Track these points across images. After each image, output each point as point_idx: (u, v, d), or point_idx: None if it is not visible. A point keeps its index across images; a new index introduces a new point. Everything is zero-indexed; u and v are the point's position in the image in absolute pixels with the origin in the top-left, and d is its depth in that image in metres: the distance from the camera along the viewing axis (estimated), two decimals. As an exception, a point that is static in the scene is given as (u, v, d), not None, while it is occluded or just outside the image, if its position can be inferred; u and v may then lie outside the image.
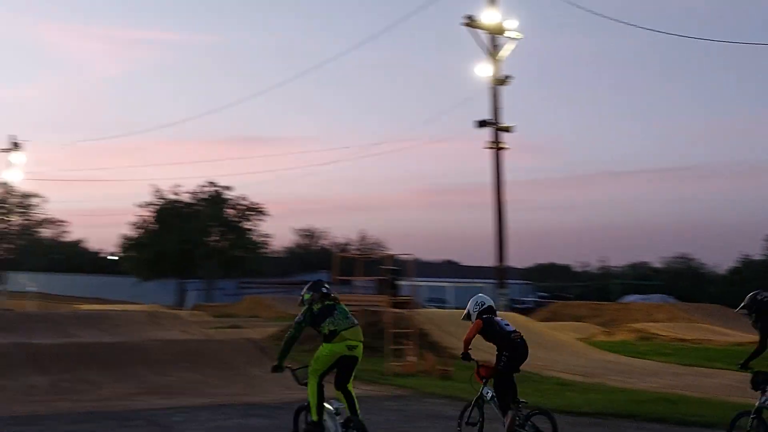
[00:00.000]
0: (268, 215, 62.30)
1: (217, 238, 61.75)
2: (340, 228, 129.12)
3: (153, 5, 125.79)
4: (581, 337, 29.66)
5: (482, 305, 10.12)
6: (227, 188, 61.16)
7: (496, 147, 27.74)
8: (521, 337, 9.86)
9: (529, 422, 9.29)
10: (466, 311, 10.17)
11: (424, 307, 36.93)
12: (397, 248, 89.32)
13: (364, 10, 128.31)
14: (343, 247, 79.13)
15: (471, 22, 27.02)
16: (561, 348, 24.31)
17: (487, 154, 28.00)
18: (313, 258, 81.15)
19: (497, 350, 9.78)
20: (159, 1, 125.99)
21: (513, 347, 9.70)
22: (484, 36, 27.53)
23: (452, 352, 21.27)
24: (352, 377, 8.94)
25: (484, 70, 27.81)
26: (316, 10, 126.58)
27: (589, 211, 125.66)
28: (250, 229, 61.45)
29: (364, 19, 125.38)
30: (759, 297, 8.89)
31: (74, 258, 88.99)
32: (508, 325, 9.99)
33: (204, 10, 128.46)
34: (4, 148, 46.85)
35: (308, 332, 9.12)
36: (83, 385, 15.76)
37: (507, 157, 28.21)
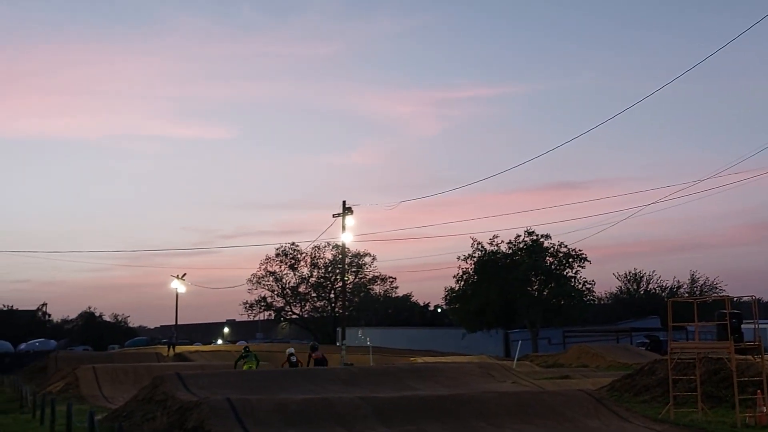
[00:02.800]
0: (590, 262, 61.00)
1: (538, 287, 61.50)
2: (668, 270, 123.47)
3: (462, 65, 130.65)
4: None
5: (290, 353, 29.52)
6: (545, 237, 60.90)
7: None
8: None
9: None
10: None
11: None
12: (733, 289, 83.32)
13: (673, 42, 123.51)
14: (673, 291, 75.23)
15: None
16: None
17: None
18: (639, 303, 78.05)
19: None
20: (468, 60, 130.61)
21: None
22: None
23: (811, 402, 19.24)
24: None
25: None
26: (626, 48, 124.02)
27: None
28: (571, 277, 60.53)
29: (676, 50, 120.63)
30: None
31: (403, 312, 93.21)
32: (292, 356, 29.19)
33: (511, 62, 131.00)
34: (337, 213, 50.32)
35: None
36: (425, 437, 16.26)
37: None
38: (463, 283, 62.59)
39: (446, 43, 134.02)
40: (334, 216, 50.81)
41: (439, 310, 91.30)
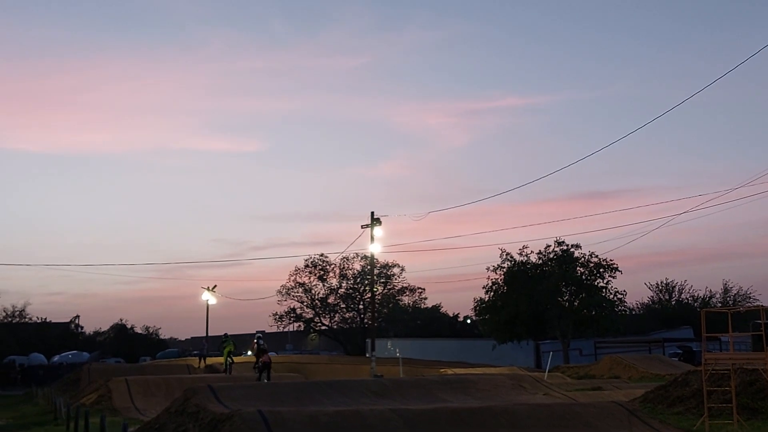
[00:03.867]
0: (621, 272, 60.43)
1: (569, 297, 61.03)
2: (701, 280, 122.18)
3: (492, 76, 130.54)
4: None
5: (258, 338, 34.92)
6: (575, 246, 60.47)
7: None
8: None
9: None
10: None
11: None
12: (766, 299, 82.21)
13: (704, 51, 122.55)
14: (705, 301, 74.40)
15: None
16: None
17: None
18: (671, 313, 77.31)
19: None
20: (498, 71, 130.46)
21: (258, 353, 33.75)
22: None
23: None
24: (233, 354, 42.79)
25: None
26: (657, 57, 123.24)
27: None
28: (602, 287, 60.00)
29: (706, 59, 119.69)
30: None
31: (432, 323, 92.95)
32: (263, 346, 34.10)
33: (541, 72, 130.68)
34: (365, 224, 50.42)
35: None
36: (457, 449, 16.18)
37: None
38: (492, 293, 62.23)
39: (476, 54, 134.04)
40: (362, 227, 50.92)
41: (468, 321, 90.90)
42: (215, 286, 74.00)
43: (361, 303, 79.60)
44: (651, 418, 19.61)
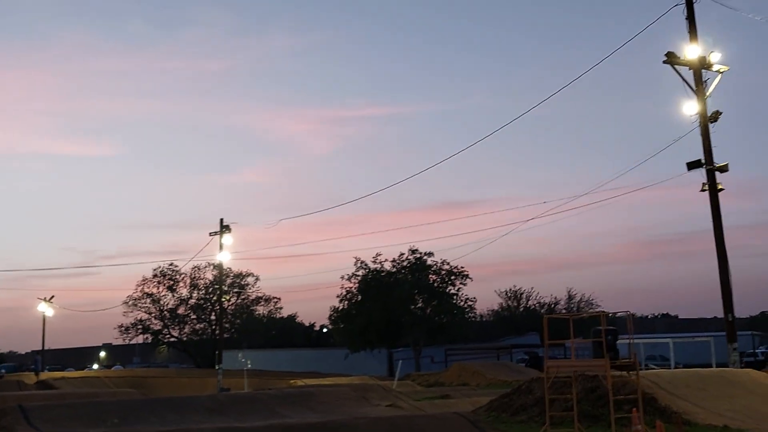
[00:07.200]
0: (471, 279, 61.11)
1: (422, 305, 61.20)
2: (546, 287, 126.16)
3: (355, 85, 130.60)
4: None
5: None
6: (428, 254, 60.71)
7: (712, 189, 25.21)
8: None
9: None
10: None
11: (645, 368, 34.25)
12: (608, 305, 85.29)
13: (546, 62, 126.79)
14: (551, 308, 76.43)
15: (672, 59, 25.00)
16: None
17: (699, 199, 25.47)
18: (519, 320, 78.98)
19: None
20: (361, 80, 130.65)
21: None
22: (687, 72, 25.41)
23: (686, 417, 19.04)
24: None
25: (690, 108, 25.58)
26: (514, 70, 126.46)
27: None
28: (453, 294, 60.48)
29: (559, 71, 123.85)
30: None
31: (287, 333, 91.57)
32: None
33: (403, 82, 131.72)
34: (214, 231, 48.70)
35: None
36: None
37: (722, 199, 25.46)
38: (347, 302, 61.70)
39: (340, 62, 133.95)
40: (210, 234, 49.18)
41: (324, 331, 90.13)
42: (53, 296, 69.96)
43: (213, 314, 77.34)
44: (494, 429, 19.15)
